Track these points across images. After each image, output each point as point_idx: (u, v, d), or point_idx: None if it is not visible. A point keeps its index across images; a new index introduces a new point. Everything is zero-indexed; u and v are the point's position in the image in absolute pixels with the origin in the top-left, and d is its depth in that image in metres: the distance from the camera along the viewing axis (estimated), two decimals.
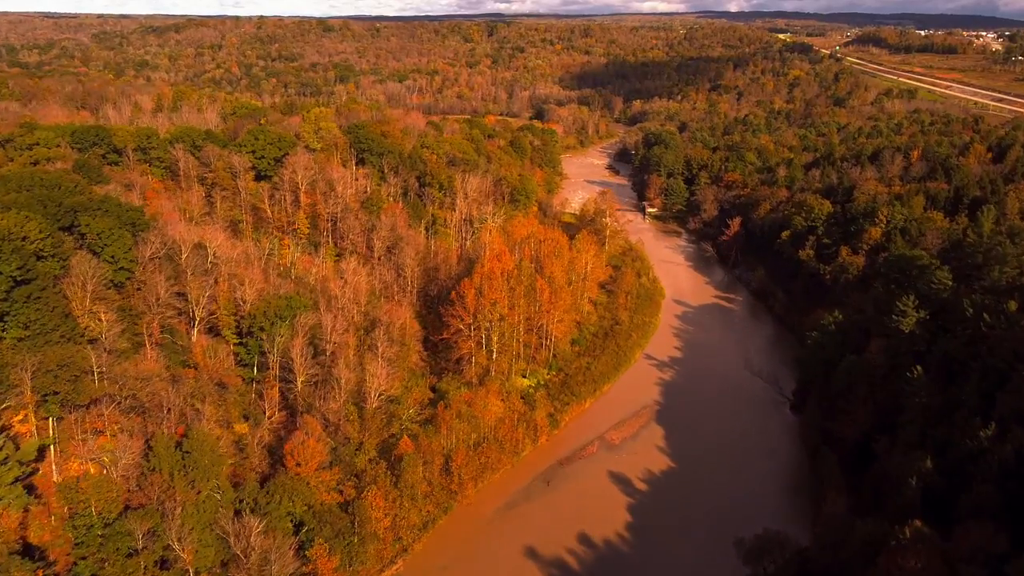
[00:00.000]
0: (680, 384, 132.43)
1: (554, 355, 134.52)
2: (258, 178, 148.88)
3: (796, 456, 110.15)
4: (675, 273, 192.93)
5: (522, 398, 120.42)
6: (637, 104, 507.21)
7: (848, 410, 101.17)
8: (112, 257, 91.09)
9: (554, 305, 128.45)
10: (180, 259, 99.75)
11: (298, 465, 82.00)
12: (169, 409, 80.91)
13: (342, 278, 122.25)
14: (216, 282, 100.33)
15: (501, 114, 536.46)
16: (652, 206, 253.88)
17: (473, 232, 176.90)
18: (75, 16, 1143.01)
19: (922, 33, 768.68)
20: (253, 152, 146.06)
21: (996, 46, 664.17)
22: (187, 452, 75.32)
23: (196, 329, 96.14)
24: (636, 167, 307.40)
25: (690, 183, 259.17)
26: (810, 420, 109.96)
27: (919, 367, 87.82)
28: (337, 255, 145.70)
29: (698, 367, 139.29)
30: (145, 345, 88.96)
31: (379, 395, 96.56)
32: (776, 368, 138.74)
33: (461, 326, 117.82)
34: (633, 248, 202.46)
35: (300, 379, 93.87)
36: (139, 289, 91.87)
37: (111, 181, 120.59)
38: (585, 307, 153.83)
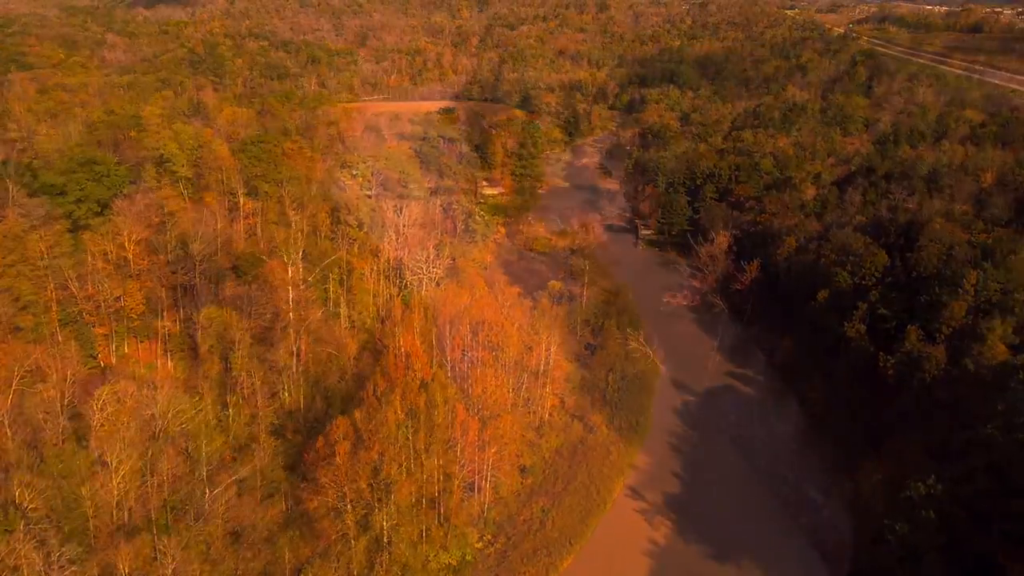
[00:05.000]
0: (678, 556, 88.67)
1: (489, 503, 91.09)
2: (77, 230, 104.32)
3: None
4: (673, 332, 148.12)
5: None
6: (634, 90, 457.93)
7: None
8: None
9: (487, 442, 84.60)
10: None
11: None
12: None
13: (152, 414, 78.40)
14: None
15: (485, 99, 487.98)
16: (647, 227, 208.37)
17: (403, 288, 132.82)
18: None
19: (943, 9, 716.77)
20: (63, 193, 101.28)
21: (1021, 24, 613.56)
22: None
23: None
24: (629, 172, 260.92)
25: (693, 194, 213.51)
26: None
27: None
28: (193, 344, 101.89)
29: (705, 516, 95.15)
30: None
31: None
32: (820, 504, 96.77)
33: (328, 496, 74.10)
34: (620, 294, 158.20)
35: None
36: None
37: None
38: (546, 406, 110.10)
